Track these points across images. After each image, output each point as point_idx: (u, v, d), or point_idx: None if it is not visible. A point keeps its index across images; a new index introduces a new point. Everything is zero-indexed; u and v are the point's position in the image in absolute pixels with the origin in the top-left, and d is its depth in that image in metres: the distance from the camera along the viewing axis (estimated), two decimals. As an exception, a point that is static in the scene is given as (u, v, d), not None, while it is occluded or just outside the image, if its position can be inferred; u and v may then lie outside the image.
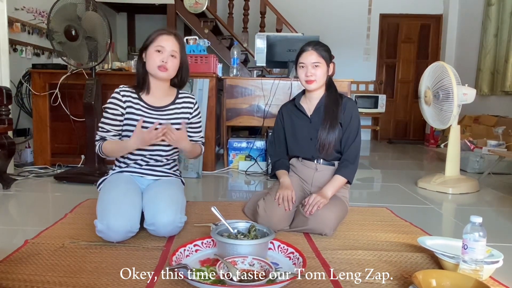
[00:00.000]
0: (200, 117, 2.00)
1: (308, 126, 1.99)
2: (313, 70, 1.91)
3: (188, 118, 1.94)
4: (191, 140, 1.96)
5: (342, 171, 1.94)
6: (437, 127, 3.02)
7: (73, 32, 2.70)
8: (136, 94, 1.85)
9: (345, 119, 1.95)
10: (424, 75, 3.03)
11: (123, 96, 1.82)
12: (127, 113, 1.82)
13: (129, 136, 1.81)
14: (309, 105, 2.02)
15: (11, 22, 3.67)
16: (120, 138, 1.86)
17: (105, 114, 1.83)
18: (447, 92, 2.79)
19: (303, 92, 2.08)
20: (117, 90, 1.84)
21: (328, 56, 1.95)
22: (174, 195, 1.77)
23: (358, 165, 2.00)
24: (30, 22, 4.05)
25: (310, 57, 1.92)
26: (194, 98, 1.98)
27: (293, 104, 2.06)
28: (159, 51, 1.77)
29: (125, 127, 1.84)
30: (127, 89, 1.85)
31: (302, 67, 1.94)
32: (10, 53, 3.70)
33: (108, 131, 1.83)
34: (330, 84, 2.01)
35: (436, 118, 2.96)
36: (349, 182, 1.98)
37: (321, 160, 2.01)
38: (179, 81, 1.92)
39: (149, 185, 1.85)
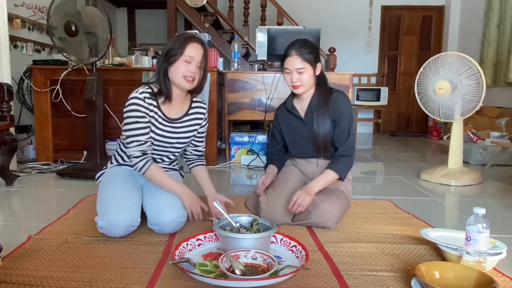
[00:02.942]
0: (207, 125, 1.97)
1: (303, 127, 1.95)
2: (298, 76, 1.83)
3: (197, 130, 1.91)
4: (194, 150, 1.98)
5: (334, 165, 1.86)
6: (450, 119, 2.94)
7: (73, 28, 2.69)
8: (156, 102, 1.73)
9: (336, 115, 1.87)
10: (434, 68, 2.92)
11: (149, 104, 1.71)
12: (148, 122, 1.74)
13: None
14: (302, 105, 1.96)
15: (11, 18, 3.66)
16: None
17: (134, 125, 1.68)
18: (477, 81, 2.77)
19: (294, 93, 1.99)
20: (138, 96, 1.69)
21: (313, 58, 1.84)
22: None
23: (353, 161, 1.91)
24: (30, 18, 4.04)
25: (294, 63, 1.82)
26: (205, 108, 1.93)
27: (286, 108, 2.01)
28: (187, 62, 1.67)
29: None
30: (149, 95, 1.71)
31: (287, 72, 1.86)
32: (11, 49, 3.69)
33: (145, 142, 1.71)
34: (319, 82, 1.92)
35: (457, 107, 2.89)
36: (340, 179, 1.89)
37: (322, 157, 1.99)
38: (197, 88, 1.81)
39: (148, 181, 1.84)
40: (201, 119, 1.90)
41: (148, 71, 3.28)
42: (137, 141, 1.69)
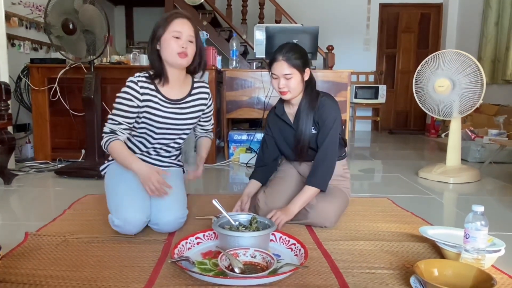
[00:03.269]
0: (212, 106, 1.94)
1: (292, 133, 1.90)
2: (285, 82, 1.76)
3: (203, 110, 1.89)
4: (202, 129, 2.00)
5: (312, 180, 1.78)
6: (449, 117, 2.94)
7: (71, 26, 2.68)
8: (154, 85, 1.72)
9: (320, 119, 1.81)
10: (434, 66, 2.92)
11: (141, 87, 1.69)
12: (145, 106, 1.70)
13: (145, 133, 1.76)
14: (291, 110, 1.91)
15: (8, 17, 3.64)
16: (130, 133, 1.77)
17: (118, 105, 1.69)
18: (476, 78, 2.78)
19: (282, 99, 1.92)
20: (133, 79, 1.70)
21: (301, 63, 1.77)
22: (175, 192, 1.75)
23: (332, 167, 1.82)
24: (28, 16, 4.02)
25: (281, 69, 1.75)
26: (208, 87, 1.91)
27: (275, 113, 1.96)
28: (177, 37, 1.64)
29: (142, 122, 1.74)
30: (144, 79, 1.71)
31: (275, 78, 1.79)
32: (8, 48, 3.67)
33: (120, 123, 1.69)
34: (307, 87, 1.85)
35: (456, 105, 2.89)
36: (322, 191, 1.81)
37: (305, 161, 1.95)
38: (197, 67, 1.79)
39: None
40: (205, 99, 1.88)
41: (147, 69, 3.27)
42: (113, 120, 1.69)
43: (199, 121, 1.93)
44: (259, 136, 3.60)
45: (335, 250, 1.55)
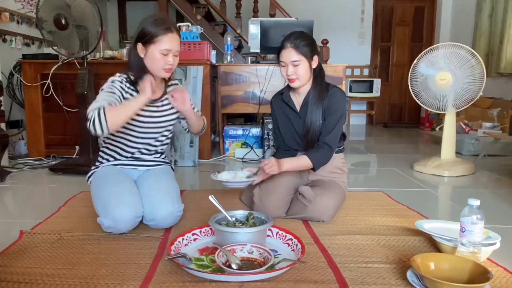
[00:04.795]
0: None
1: (297, 121, 1.93)
2: (293, 69, 1.80)
3: None
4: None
5: (312, 155, 1.82)
6: (446, 111, 2.95)
7: (63, 21, 2.65)
8: (134, 87, 1.73)
9: (329, 109, 1.85)
10: (434, 59, 2.90)
11: (127, 88, 1.70)
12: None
13: (124, 133, 1.75)
14: (298, 99, 1.94)
15: (-1, 12, 3.59)
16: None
17: (104, 93, 1.64)
18: (475, 71, 2.80)
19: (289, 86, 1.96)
20: (117, 79, 1.70)
21: (309, 50, 1.80)
22: (168, 186, 1.76)
23: (331, 156, 1.86)
24: (19, 11, 3.97)
25: (289, 55, 1.79)
26: (178, 83, 1.95)
27: (282, 99, 1.97)
28: (165, 55, 1.65)
29: None
30: (126, 80, 1.72)
31: (283, 65, 1.83)
32: (0, 44, 3.63)
33: (103, 102, 1.59)
34: (316, 77, 1.89)
35: (459, 97, 2.90)
36: (313, 169, 1.85)
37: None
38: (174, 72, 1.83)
39: (141, 177, 1.83)
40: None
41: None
42: (96, 101, 1.58)
43: (180, 116, 1.91)
44: (254, 131, 3.59)
45: (331, 244, 1.56)
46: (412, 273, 1.25)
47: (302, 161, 1.82)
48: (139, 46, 1.68)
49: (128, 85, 1.72)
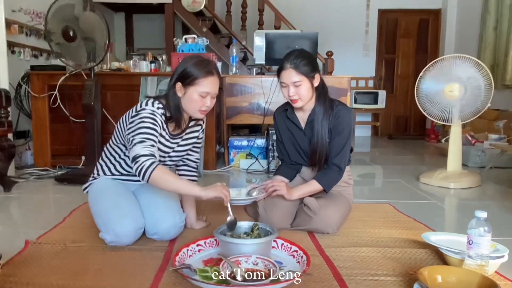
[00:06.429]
0: (203, 137, 1.90)
1: (302, 138, 1.92)
2: (295, 90, 1.76)
3: (194, 141, 1.85)
4: (187, 159, 1.90)
5: (322, 178, 1.82)
6: (453, 122, 2.94)
7: (71, 33, 2.69)
8: (165, 119, 1.66)
9: (336, 128, 1.82)
10: (444, 71, 2.90)
11: (162, 124, 1.64)
12: None
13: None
14: (302, 115, 1.91)
15: (8, 24, 3.65)
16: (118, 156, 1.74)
17: (149, 130, 1.55)
18: (484, 83, 2.80)
19: None
20: (157, 111, 1.61)
21: (309, 69, 1.76)
22: (167, 200, 1.74)
23: (341, 175, 1.85)
24: (28, 23, 4.03)
25: (290, 76, 1.74)
26: (203, 120, 1.88)
27: (286, 115, 1.94)
28: (203, 97, 1.61)
29: None
30: (162, 113, 1.63)
31: (284, 86, 1.79)
32: (8, 55, 3.68)
33: (153, 146, 1.55)
34: (320, 94, 1.85)
35: (465, 108, 2.90)
36: (325, 191, 1.85)
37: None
38: None
39: (138, 189, 1.80)
40: (198, 131, 1.85)
41: (146, 76, 3.28)
42: (147, 139, 1.53)
43: (188, 152, 1.88)
44: (259, 141, 3.59)
45: (337, 256, 1.54)
46: (419, 286, 1.23)
47: (312, 186, 1.83)
48: (178, 85, 1.62)
49: (164, 119, 1.65)
